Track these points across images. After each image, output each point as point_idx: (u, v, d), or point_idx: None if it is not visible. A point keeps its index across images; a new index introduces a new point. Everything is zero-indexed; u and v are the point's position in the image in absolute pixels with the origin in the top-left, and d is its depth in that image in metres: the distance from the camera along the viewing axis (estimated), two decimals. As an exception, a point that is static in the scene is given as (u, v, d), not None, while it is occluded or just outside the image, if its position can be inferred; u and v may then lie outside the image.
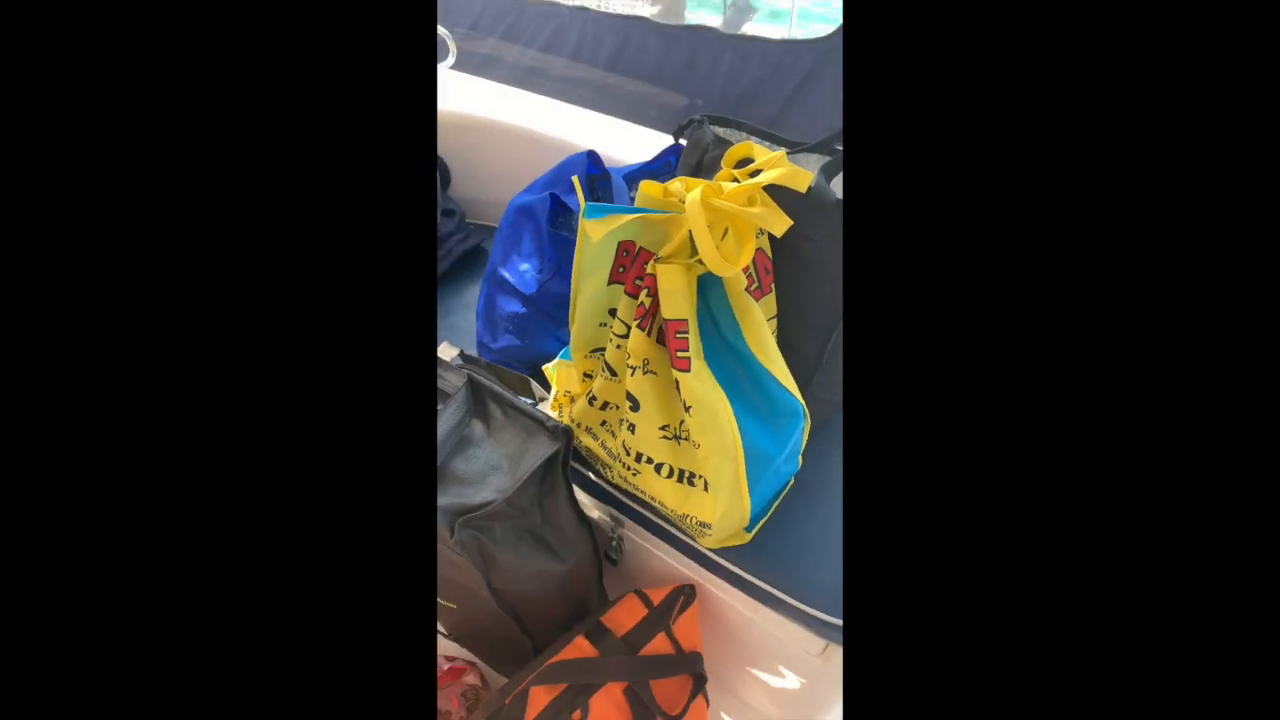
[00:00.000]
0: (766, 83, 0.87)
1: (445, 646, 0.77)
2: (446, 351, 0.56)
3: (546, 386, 0.68)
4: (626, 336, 0.54)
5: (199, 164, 0.26)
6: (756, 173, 0.50)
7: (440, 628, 0.67)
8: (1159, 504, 0.24)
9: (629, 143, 0.87)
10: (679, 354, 0.51)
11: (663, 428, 0.55)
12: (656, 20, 1.02)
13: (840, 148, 0.60)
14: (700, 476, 0.55)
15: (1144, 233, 0.24)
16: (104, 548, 0.25)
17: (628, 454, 0.57)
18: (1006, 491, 0.25)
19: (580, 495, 0.64)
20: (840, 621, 0.54)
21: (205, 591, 0.25)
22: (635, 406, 0.54)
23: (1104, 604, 0.24)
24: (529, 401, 0.56)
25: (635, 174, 0.71)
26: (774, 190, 0.49)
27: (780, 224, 0.46)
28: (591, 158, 0.70)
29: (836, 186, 0.56)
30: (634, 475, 0.58)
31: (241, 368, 0.26)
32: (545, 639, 0.63)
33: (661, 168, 0.72)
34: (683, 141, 0.71)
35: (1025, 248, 0.25)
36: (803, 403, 0.54)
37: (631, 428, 0.55)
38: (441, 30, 1.10)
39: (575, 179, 0.49)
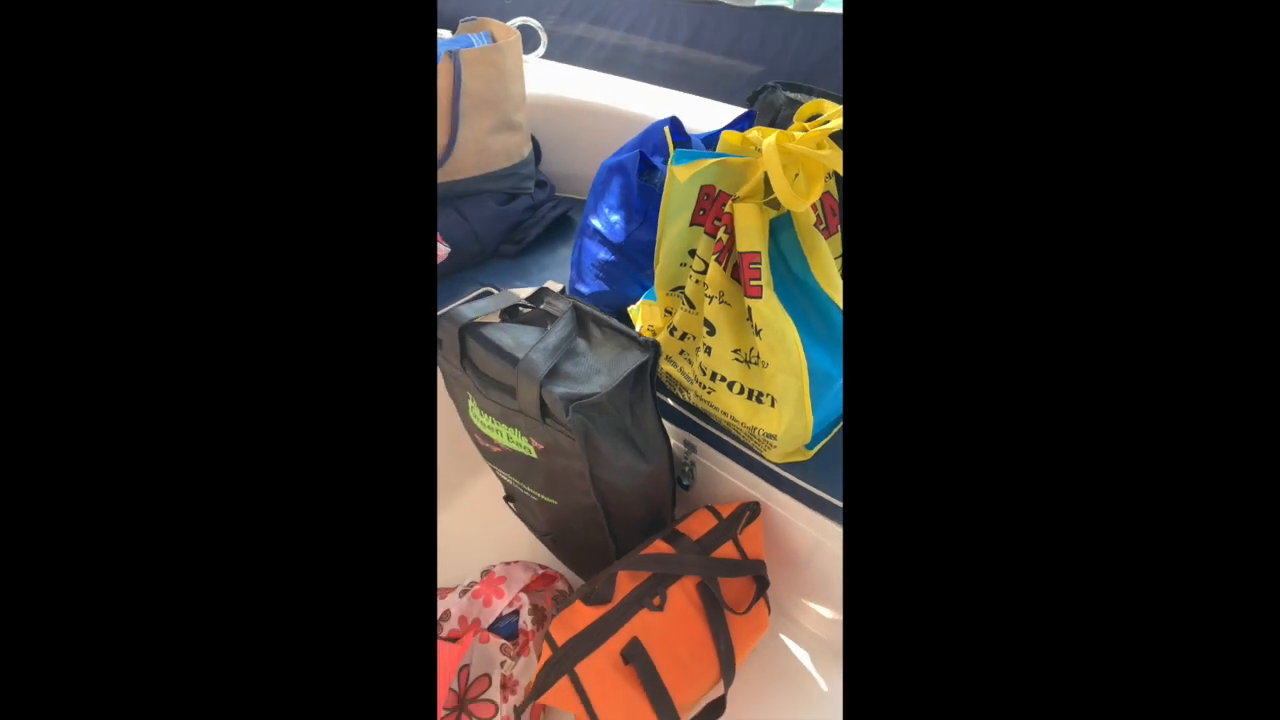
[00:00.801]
0: (834, 53, 0.93)
1: (539, 556, 0.89)
2: (554, 285, 0.66)
3: (631, 327, 0.77)
4: (705, 272, 0.63)
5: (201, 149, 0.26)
6: (826, 124, 0.57)
7: (540, 525, 0.78)
8: (1142, 458, 0.25)
9: (707, 116, 0.95)
10: (752, 283, 0.58)
11: (735, 351, 0.63)
12: (729, 4, 1.09)
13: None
14: (768, 395, 0.62)
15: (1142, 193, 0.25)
16: (91, 504, 0.25)
17: (704, 374, 0.65)
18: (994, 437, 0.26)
19: (659, 419, 0.73)
20: None
21: (198, 579, 0.26)
22: (711, 331, 0.62)
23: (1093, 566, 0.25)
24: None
25: (712, 138, 0.79)
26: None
27: (845, 162, 0.53)
28: (674, 123, 0.78)
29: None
30: (709, 394, 0.66)
31: (245, 345, 0.27)
32: (627, 544, 0.72)
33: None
34: (755, 110, 0.79)
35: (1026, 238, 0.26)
36: (863, 328, 0.61)
37: (708, 350, 0.63)
38: (533, 22, 1.21)
39: (666, 129, 0.58)
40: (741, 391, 0.63)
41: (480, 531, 0.97)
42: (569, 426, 0.54)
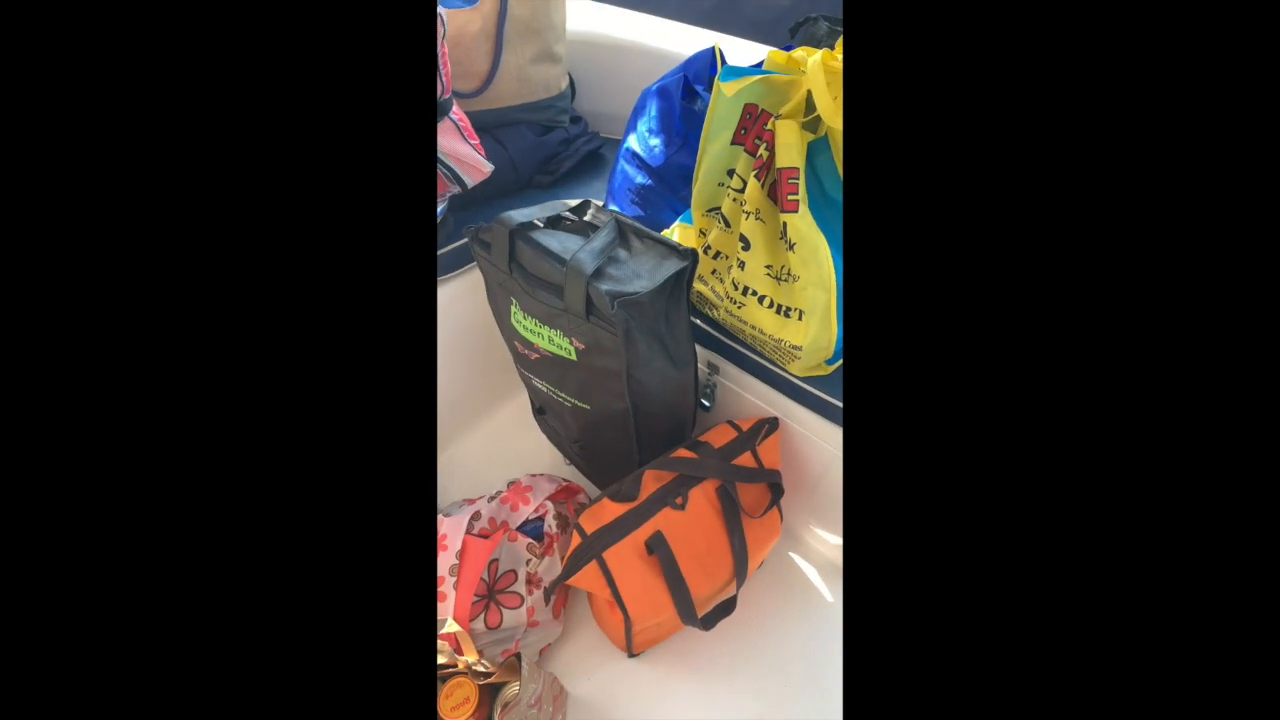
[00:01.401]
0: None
1: (563, 473, 0.94)
2: (597, 201, 0.70)
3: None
4: (743, 190, 0.66)
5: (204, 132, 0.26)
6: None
7: (570, 433, 0.82)
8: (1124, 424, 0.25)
9: (745, 56, 0.97)
10: (789, 198, 0.62)
11: (767, 267, 0.66)
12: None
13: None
14: (796, 309, 0.66)
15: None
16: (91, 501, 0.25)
17: (735, 289, 0.69)
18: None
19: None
20: None
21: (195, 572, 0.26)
22: (746, 246, 0.66)
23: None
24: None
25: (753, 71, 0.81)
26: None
27: (886, 80, 0.56)
28: (716, 54, 0.80)
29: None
30: (739, 308, 0.70)
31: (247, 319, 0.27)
32: (650, 455, 0.76)
33: (774, 67, 0.82)
34: (795, 44, 0.80)
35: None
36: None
37: (741, 265, 0.67)
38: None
39: (716, 47, 0.60)
40: (771, 306, 0.67)
41: (507, 451, 1.02)
42: (612, 322, 0.57)
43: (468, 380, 1.01)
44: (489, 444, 1.05)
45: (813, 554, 0.89)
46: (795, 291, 0.65)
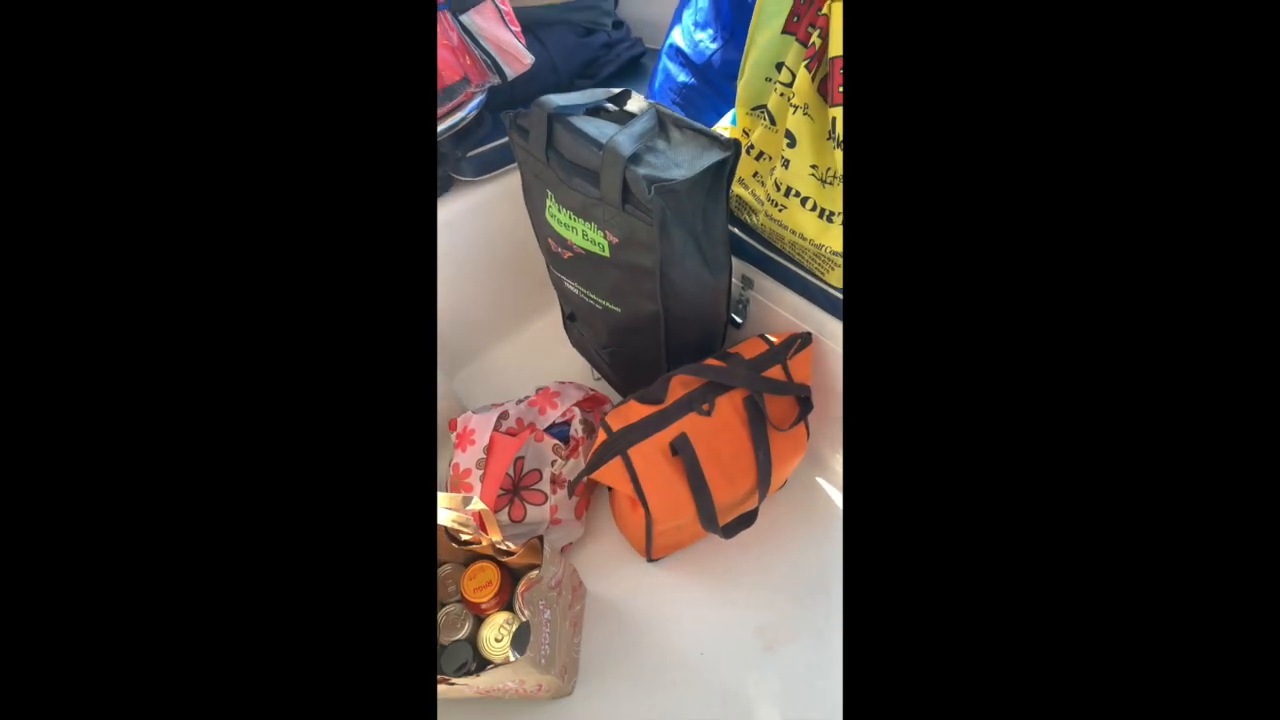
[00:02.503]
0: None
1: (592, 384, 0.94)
2: (638, 93, 0.67)
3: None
4: (791, 84, 0.62)
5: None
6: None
7: (600, 339, 0.82)
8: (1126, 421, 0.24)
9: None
10: (840, 89, 0.58)
11: (813, 166, 0.63)
12: None
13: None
14: (839, 214, 0.63)
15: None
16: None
17: (778, 190, 0.66)
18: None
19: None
20: None
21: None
22: (792, 143, 0.63)
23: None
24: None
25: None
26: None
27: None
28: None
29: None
30: (780, 211, 0.67)
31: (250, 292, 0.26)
32: (678, 366, 0.76)
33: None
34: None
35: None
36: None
37: (786, 163, 0.64)
38: None
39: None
40: (814, 209, 0.64)
41: (537, 363, 1.03)
42: (648, 210, 0.56)
43: (501, 289, 1.01)
44: (519, 354, 1.06)
45: (838, 479, 0.89)
46: (839, 195, 0.62)
